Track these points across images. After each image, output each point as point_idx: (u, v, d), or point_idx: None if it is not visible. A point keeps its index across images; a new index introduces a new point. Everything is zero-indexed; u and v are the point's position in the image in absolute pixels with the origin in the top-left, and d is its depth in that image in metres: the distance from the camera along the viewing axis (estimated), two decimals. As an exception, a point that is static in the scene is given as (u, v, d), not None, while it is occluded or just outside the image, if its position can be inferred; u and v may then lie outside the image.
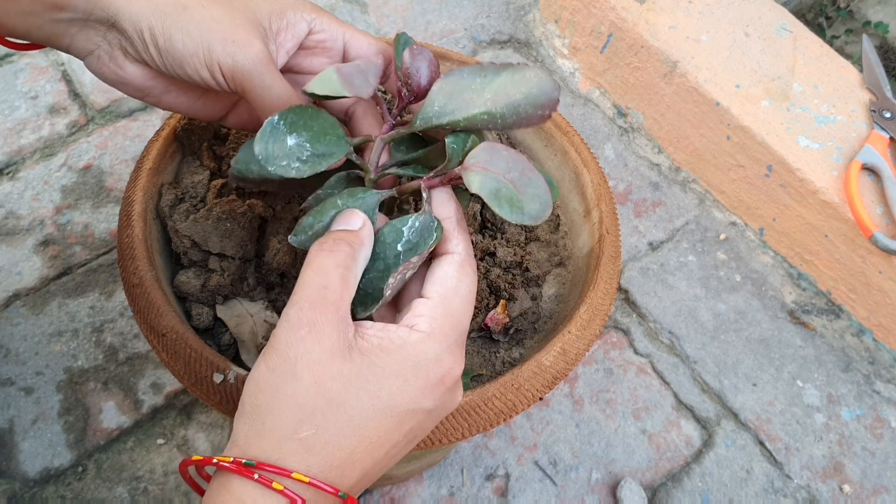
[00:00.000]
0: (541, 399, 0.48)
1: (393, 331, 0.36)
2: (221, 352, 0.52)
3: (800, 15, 1.20)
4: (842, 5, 1.25)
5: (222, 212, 0.52)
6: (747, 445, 0.78)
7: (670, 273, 0.88)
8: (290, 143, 0.39)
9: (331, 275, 0.36)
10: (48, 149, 0.89)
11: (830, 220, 0.82)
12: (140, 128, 0.91)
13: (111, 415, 0.72)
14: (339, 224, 0.39)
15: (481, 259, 0.56)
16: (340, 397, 0.34)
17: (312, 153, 0.40)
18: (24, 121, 0.90)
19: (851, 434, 0.79)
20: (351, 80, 0.41)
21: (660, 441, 0.77)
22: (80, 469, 0.70)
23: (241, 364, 0.52)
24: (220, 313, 0.53)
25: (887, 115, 0.85)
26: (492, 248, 0.57)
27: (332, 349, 0.35)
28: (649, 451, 0.76)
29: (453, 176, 0.40)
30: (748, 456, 0.77)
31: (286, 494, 0.33)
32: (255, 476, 0.33)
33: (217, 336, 0.53)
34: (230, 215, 0.52)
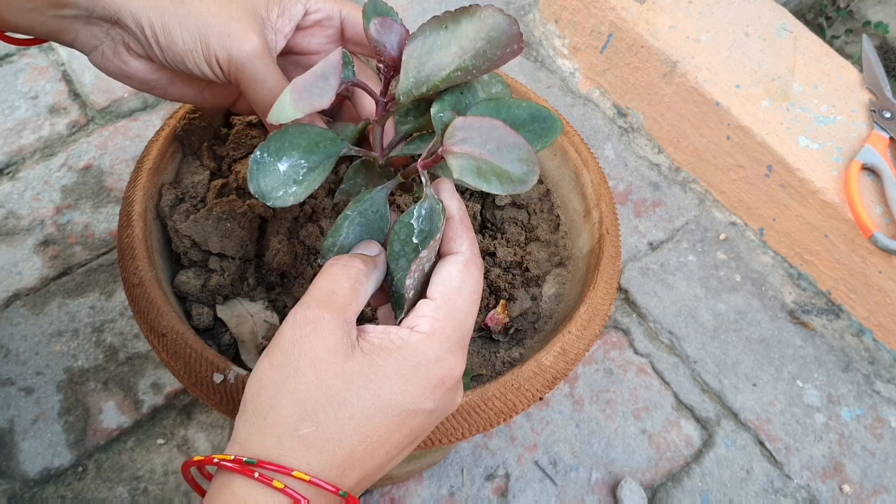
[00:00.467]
0: (541, 399, 0.48)
1: (394, 332, 0.36)
2: (221, 352, 0.52)
3: (800, 15, 1.20)
4: (842, 5, 1.25)
5: (222, 212, 0.52)
6: (747, 445, 0.78)
7: (670, 273, 0.88)
8: (282, 169, 0.39)
9: (342, 283, 0.37)
10: (48, 149, 0.89)
11: (830, 220, 0.82)
12: (140, 128, 0.91)
13: (111, 415, 0.72)
14: (358, 251, 0.41)
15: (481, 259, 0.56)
16: (342, 395, 0.34)
17: (308, 168, 0.40)
18: (25, 121, 0.90)
19: (851, 434, 0.79)
20: (308, 93, 0.39)
21: (660, 441, 0.77)
22: (80, 469, 0.70)
23: (241, 364, 0.52)
24: (220, 313, 0.53)
25: (887, 115, 0.85)
26: (492, 248, 0.57)
27: (335, 347, 0.35)
28: (649, 451, 0.76)
29: (438, 157, 0.39)
30: (748, 456, 0.77)
31: (287, 493, 0.33)
32: (256, 474, 0.33)
33: (217, 336, 0.53)
34: (230, 215, 0.53)
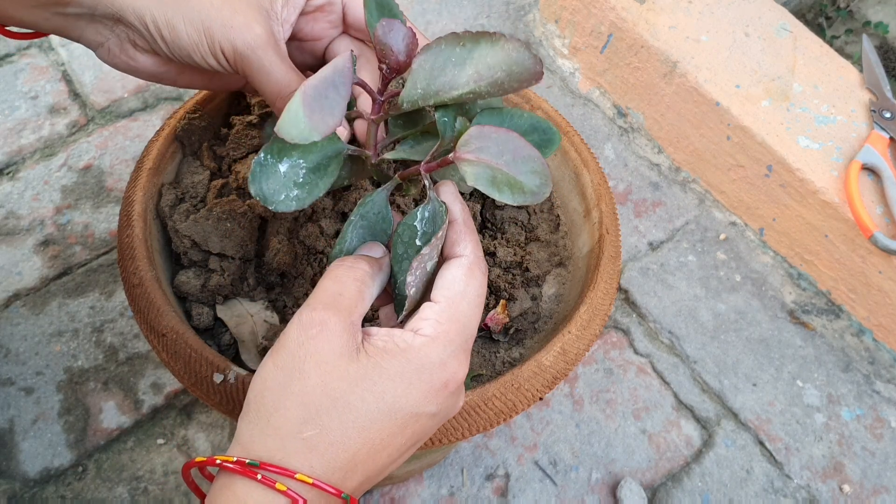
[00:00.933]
0: (541, 399, 0.48)
1: (398, 334, 0.36)
2: (221, 352, 0.52)
3: (800, 15, 1.20)
4: (842, 5, 1.25)
5: (222, 212, 0.52)
6: (747, 445, 0.78)
7: (670, 273, 0.88)
8: (282, 170, 0.39)
9: (348, 286, 0.37)
10: (48, 149, 0.89)
11: (830, 220, 0.82)
12: (140, 128, 0.91)
13: (111, 415, 0.72)
14: (362, 252, 0.40)
15: (481, 259, 0.56)
16: (346, 397, 0.34)
17: (308, 169, 0.40)
18: (25, 121, 0.90)
19: (851, 434, 0.79)
20: (319, 107, 0.37)
21: (660, 441, 0.77)
22: (80, 469, 0.70)
23: (241, 364, 0.52)
24: (220, 313, 0.53)
25: (887, 115, 0.85)
26: (492, 248, 0.57)
27: (341, 350, 0.35)
28: (649, 451, 0.76)
29: (446, 162, 0.39)
30: (748, 456, 0.77)
31: (289, 495, 0.33)
32: (259, 476, 0.33)
33: (217, 336, 0.53)
34: (230, 215, 0.53)
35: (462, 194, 0.59)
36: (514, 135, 0.38)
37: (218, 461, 0.34)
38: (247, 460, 0.33)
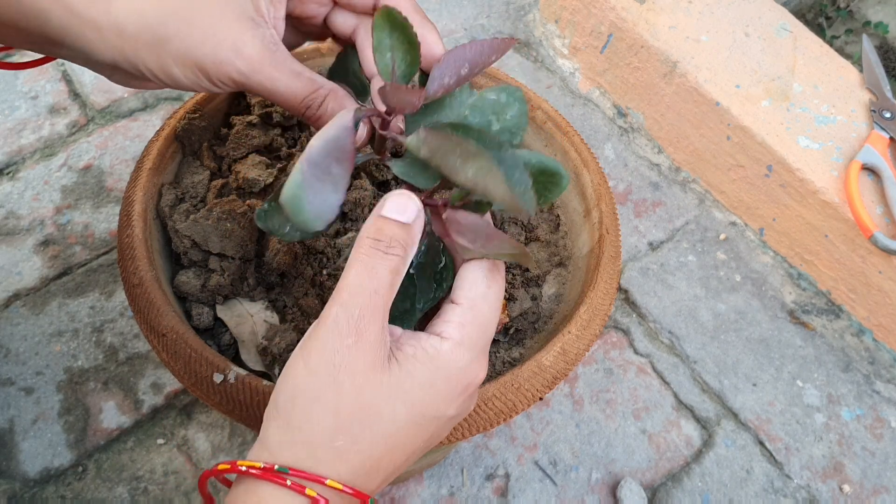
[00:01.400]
0: (541, 399, 0.48)
1: (424, 339, 0.37)
2: (221, 352, 0.52)
3: (800, 15, 1.20)
4: (842, 5, 1.25)
5: (222, 212, 0.52)
6: (747, 445, 0.78)
7: (670, 273, 0.88)
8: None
9: (383, 280, 0.36)
10: (48, 149, 0.89)
11: (830, 220, 0.82)
12: (140, 128, 0.91)
13: (111, 415, 0.72)
14: (392, 211, 0.37)
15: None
16: (378, 408, 0.35)
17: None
18: (24, 121, 0.90)
19: (851, 434, 0.79)
20: (321, 187, 0.35)
21: (660, 441, 0.77)
22: (80, 469, 0.70)
23: (241, 364, 0.52)
24: (220, 313, 0.53)
25: (887, 115, 0.85)
26: (492, 248, 0.56)
27: (374, 360, 0.35)
28: (649, 451, 0.76)
29: (444, 207, 0.39)
30: (748, 456, 0.77)
31: (316, 500, 0.33)
32: (288, 482, 0.33)
33: (217, 336, 0.53)
34: (230, 215, 0.53)
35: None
36: (484, 221, 0.38)
37: (243, 468, 0.34)
38: (276, 466, 0.33)
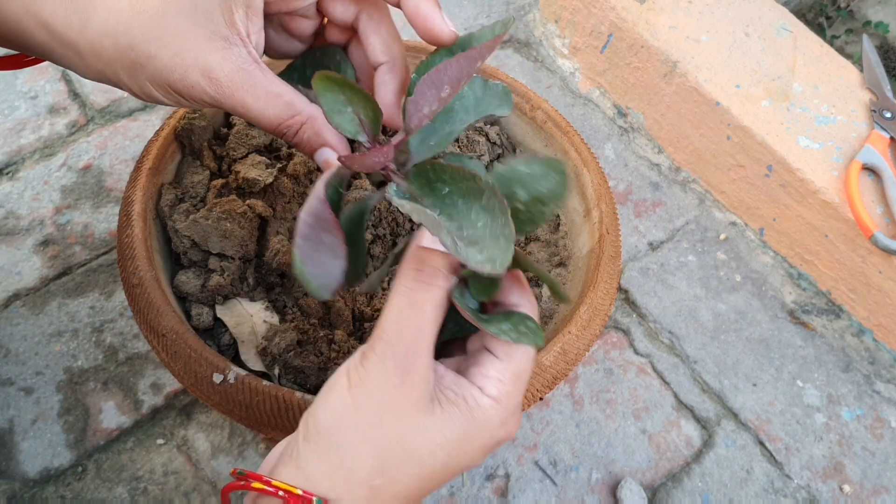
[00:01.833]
0: (541, 399, 0.48)
1: (465, 387, 0.37)
2: (221, 352, 0.52)
3: (800, 15, 1.20)
4: (842, 5, 1.25)
5: (222, 212, 0.52)
6: (747, 445, 0.78)
7: (670, 273, 0.88)
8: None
9: (427, 315, 0.36)
10: (48, 149, 0.89)
11: (830, 220, 0.82)
12: (140, 128, 0.91)
13: (111, 415, 0.72)
14: (431, 240, 0.38)
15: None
16: (419, 453, 0.35)
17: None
18: (24, 121, 0.90)
19: (851, 434, 0.79)
20: (319, 259, 0.36)
21: (660, 441, 0.77)
22: (80, 469, 0.70)
23: (241, 364, 0.52)
24: (220, 313, 0.53)
25: (887, 115, 0.85)
26: (492, 248, 0.56)
27: (418, 402, 0.35)
28: (649, 451, 0.76)
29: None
30: (748, 456, 0.77)
31: None
32: None
33: (217, 336, 0.53)
34: (230, 215, 0.52)
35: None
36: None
37: (280, 493, 0.34)
38: (314, 498, 0.34)
